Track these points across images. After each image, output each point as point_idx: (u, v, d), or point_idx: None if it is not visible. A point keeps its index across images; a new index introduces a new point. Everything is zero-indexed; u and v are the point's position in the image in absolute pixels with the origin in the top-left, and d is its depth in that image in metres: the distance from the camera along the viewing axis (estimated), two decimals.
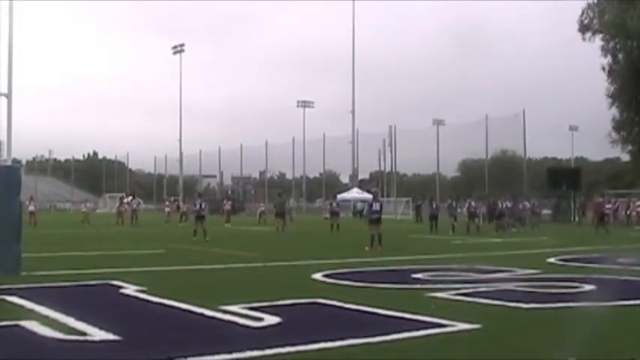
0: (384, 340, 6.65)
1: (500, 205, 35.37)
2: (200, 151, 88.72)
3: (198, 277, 13.01)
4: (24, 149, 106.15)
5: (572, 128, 74.27)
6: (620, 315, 8.45)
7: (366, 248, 19.11)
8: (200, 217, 24.37)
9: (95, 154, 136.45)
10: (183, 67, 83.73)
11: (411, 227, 38.55)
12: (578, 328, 7.46)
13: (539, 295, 9.99)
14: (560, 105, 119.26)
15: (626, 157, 57.48)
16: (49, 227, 33.96)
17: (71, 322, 7.43)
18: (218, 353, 5.99)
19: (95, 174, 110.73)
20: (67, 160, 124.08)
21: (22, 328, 7.17)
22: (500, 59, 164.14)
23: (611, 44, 48.39)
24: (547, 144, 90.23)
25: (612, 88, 49.18)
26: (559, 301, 9.23)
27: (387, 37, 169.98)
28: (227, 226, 37.45)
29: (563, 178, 47.01)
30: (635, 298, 9.47)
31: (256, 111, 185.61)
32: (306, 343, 6.41)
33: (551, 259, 16.02)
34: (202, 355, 5.94)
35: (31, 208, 37.48)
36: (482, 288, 10.61)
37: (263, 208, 46.61)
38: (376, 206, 20.41)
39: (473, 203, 36.53)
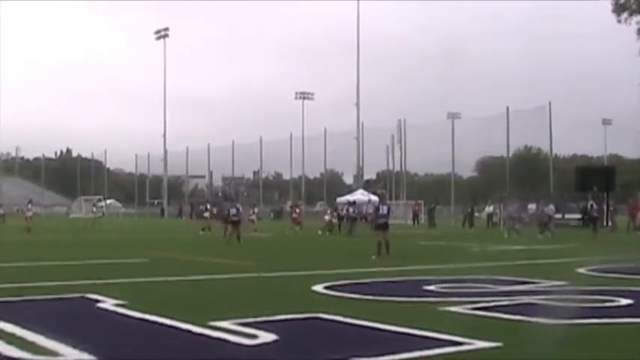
0: (393, 359, 6.64)
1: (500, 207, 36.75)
2: (187, 149, 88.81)
3: (185, 289, 13.01)
4: None
5: (605, 122, 74.42)
6: None
7: (373, 257, 19.12)
8: (234, 222, 27.41)
9: (68, 151, 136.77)
10: (168, 53, 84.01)
11: (423, 233, 38.57)
12: (612, 349, 7.46)
13: (568, 310, 9.98)
14: (591, 96, 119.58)
15: None
16: (16, 234, 33.98)
17: (41, 340, 7.42)
18: None
19: (68, 174, 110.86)
20: (36, 159, 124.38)
21: None
22: (524, 46, 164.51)
23: None
24: (576, 140, 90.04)
25: None
26: (590, 317, 9.21)
27: (396, 21, 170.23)
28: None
29: (595, 178, 46.89)
30: None
31: (250, 104, 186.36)
32: None
33: (581, 269, 16.02)
34: None
35: (29, 213, 38.04)
36: (503, 302, 10.61)
37: (257, 212, 46.89)
38: (383, 210, 20.42)
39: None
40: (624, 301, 10.60)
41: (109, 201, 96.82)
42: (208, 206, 43.53)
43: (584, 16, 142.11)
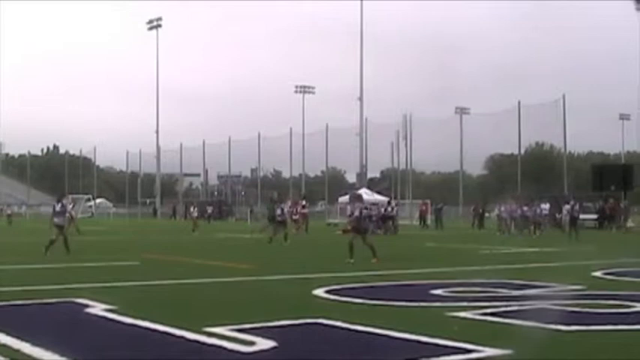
0: None
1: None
2: (181, 145, 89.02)
3: (179, 293, 13.03)
4: None
5: (623, 117, 74.28)
6: None
7: (373, 260, 19.13)
8: (281, 222, 29.29)
9: (56, 148, 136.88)
10: (160, 45, 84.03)
11: (429, 234, 38.59)
12: (627, 356, 7.46)
13: (583, 315, 9.99)
14: (608, 89, 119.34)
15: None
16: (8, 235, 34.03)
17: (26, 348, 7.43)
18: None
19: (56, 172, 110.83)
20: (21, 156, 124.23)
21: None
22: (538, 36, 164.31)
23: None
24: (592, 136, 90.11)
25: None
26: (607, 323, 9.21)
27: (401, 12, 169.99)
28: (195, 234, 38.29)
29: (612, 177, 46.95)
30: None
31: (247, 98, 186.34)
32: None
33: (597, 273, 16.01)
34: None
35: (73, 213, 38.92)
36: (514, 307, 10.62)
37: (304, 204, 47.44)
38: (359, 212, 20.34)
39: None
40: None
41: (98, 200, 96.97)
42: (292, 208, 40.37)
43: (601, 7, 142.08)
